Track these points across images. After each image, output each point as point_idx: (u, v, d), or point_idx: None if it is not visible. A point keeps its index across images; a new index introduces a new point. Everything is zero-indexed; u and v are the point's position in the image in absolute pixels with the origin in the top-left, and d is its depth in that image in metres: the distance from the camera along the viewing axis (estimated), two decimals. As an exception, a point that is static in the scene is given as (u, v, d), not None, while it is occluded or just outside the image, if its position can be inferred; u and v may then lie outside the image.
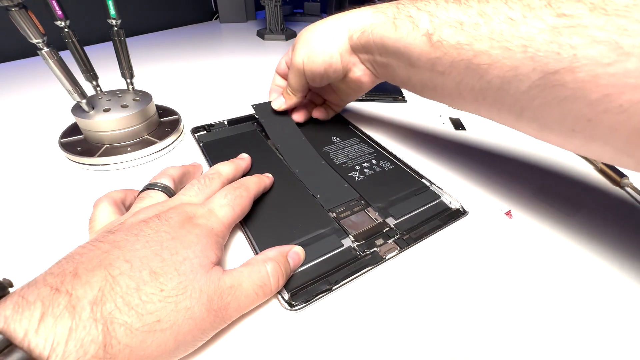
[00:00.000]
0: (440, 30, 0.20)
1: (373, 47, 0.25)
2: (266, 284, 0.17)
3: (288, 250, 0.19)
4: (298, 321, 0.17)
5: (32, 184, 0.26)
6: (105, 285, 0.12)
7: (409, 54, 0.22)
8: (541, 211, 0.24)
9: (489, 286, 0.19)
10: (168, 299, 0.13)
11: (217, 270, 0.16)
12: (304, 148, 0.30)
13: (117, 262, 0.13)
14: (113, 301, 0.12)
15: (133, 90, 0.32)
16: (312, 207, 0.23)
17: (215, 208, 0.19)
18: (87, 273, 0.13)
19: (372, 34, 0.24)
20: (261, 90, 0.44)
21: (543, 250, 0.21)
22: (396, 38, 0.23)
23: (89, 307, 0.12)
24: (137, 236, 0.15)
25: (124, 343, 0.12)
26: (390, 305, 0.18)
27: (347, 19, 0.26)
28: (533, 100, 0.18)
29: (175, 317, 0.13)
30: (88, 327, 0.11)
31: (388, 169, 0.28)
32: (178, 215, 0.17)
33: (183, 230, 0.16)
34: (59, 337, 0.11)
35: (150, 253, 0.14)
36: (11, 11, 0.21)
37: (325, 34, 0.27)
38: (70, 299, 0.12)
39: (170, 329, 0.13)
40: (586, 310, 0.18)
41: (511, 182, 0.27)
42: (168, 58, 0.56)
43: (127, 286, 0.13)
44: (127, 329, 0.12)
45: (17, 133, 0.33)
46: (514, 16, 0.17)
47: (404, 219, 0.23)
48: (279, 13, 0.67)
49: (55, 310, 0.11)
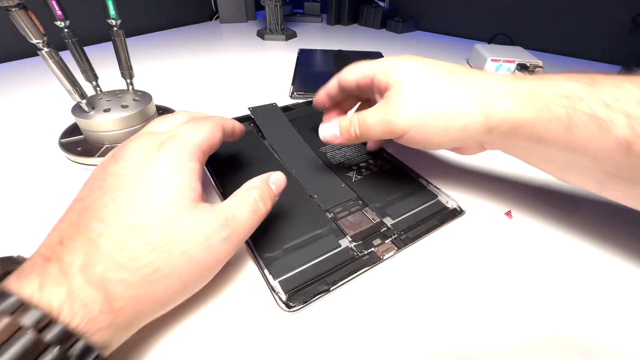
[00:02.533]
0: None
1: (522, 142, 0.19)
2: (257, 208, 0.17)
3: (268, 177, 0.19)
4: (295, 322, 0.17)
5: (32, 184, 0.26)
6: (89, 250, 0.12)
7: (584, 155, 0.17)
8: (541, 211, 0.24)
9: (486, 285, 0.19)
10: (158, 250, 0.13)
11: (204, 208, 0.15)
12: (301, 148, 0.30)
13: (92, 224, 0.13)
14: (102, 263, 0.12)
15: (133, 91, 0.32)
16: (309, 208, 0.23)
17: (177, 131, 0.17)
18: (70, 240, 0.13)
19: (526, 131, 0.18)
20: (261, 90, 0.44)
21: (542, 250, 0.21)
22: (568, 140, 0.17)
23: (80, 272, 0.12)
24: (101, 188, 0.14)
25: (127, 296, 0.12)
26: (388, 306, 0.18)
27: (484, 96, 0.19)
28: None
29: (173, 263, 0.13)
30: (86, 290, 0.12)
31: (385, 169, 0.28)
32: (135, 151, 0.15)
33: (146, 169, 0.15)
34: (61, 301, 0.11)
35: (121, 206, 0.14)
36: (11, 11, 0.22)
37: (452, 99, 0.19)
38: (60, 267, 0.12)
39: (171, 274, 0.13)
40: (586, 310, 0.18)
41: (511, 182, 0.27)
42: (168, 58, 0.56)
43: (111, 246, 0.13)
44: (125, 284, 0.12)
45: (18, 133, 0.33)
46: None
47: (401, 219, 0.23)
48: (279, 13, 0.67)
49: (51, 278, 0.12)
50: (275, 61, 0.56)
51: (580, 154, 0.17)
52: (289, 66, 0.52)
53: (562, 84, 0.17)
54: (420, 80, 0.20)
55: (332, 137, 0.24)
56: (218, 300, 0.18)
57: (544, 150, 0.18)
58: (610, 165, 0.16)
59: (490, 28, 0.68)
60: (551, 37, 0.62)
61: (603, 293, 0.19)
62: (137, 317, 0.13)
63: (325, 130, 0.24)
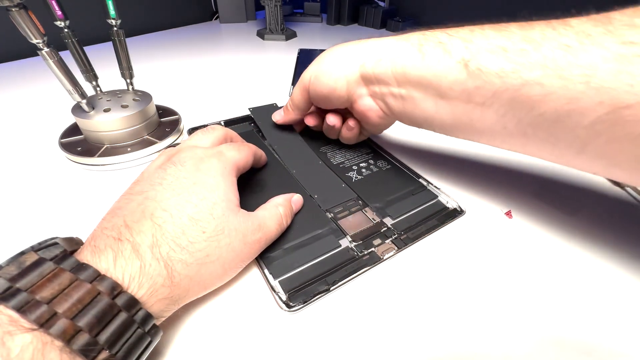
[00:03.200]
0: (479, 56, 0.18)
1: (390, 77, 0.22)
2: (281, 222, 0.21)
3: (291, 197, 0.23)
4: (296, 322, 0.17)
5: (33, 184, 0.26)
6: (156, 233, 0.15)
7: (438, 83, 0.20)
8: (541, 211, 0.24)
9: (486, 285, 0.19)
10: (211, 239, 0.16)
11: (243, 213, 0.18)
12: (301, 148, 0.30)
13: (157, 213, 0.16)
14: (167, 244, 0.15)
15: (133, 91, 0.32)
16: (309, 208, 0.23)
17: (222, 150, 0.20)
18: (136, 224, 0.15)
19: (390, 62, 0.22)
20: (261, 90, 0.44)
21: (542, 250, 0.21)
22: (422, 66, 0.20)
23: (149, 250, 0.15)
24: (162, 185, 0.17)
25: (183, 274, 0.15)
26: (388, 305, 0.18)
27: (365, 46, 0.24)
28: (599, 136, 0.16)
29: (220, 252, 0.16)
30: (154, 265, 0.14)
31: (385, 169, 0.28)
32: (191, 158, 0.18)
33: (200, 174, 0.18)
34: (133, 273, 0.14)
35: (182, 200, 0.16)
36: (11, 11, 0.22)
37: (339, 58, 0.25)
38: (133, 245, 0.14)
39: (217, 260, 0.16)
40: (586, 310, 0.18)
41: (511, 182, 0.27)
42: (168, 58, 0.56)
43: (175, 232, 0.15)
44: (184, 263, 0.15)
45: (18, 133, 0.33)
46: (569, 43, 0.16)
47: (402, 219, 0.23)
48: (279, 13, 0.67)
49: (125, 254, 0.14)
50: (275, 61, 0.56)
51: (433, 78, 0.20)
52: (289, 66, 0.52)
53: (429, 30, 0.22)
54: (325, 51, 0.26)
55: (279, 117, 0.30)
56: (219, 300, 0.18)
57: (415, 93, 0.22)
58: (459, 88, 0.19)
59: (490, 28, 0.68)
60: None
61: (603, 293, 0.19)
62: (185, 295, 0.16)
63: (275, 115, 0.31)
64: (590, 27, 0.16)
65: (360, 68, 0.24)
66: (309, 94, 0.27)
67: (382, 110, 0.25)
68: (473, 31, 0.19)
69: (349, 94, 0.25)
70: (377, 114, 0.25)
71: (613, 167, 0.17)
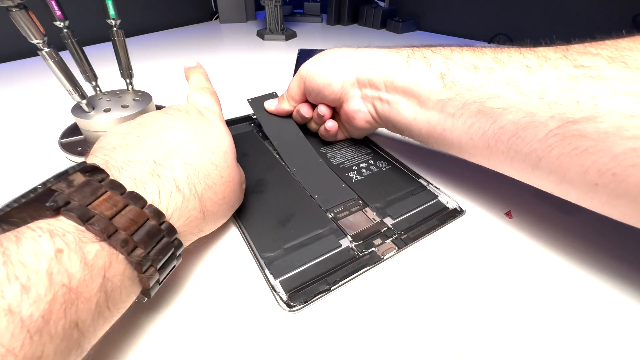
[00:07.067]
0: (454, 71, 0.21)
1: (381, 83, 0.25)
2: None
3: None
4: (296, 322, 0.17)
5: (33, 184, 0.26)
6: (189, 172, 0.17)
7: (418, 91, 0.22)
8: (541, 211, 0.24)
9: (486, 286, 0.19)
10: (226, 184, 0.19)
11: (238, 165, 0.21)
12: (302, 146, 0.30)
13: (183, 153, 0.17)
14: (200, 183, 0.17)
15: (133, 91, 0.32)
16: (309, 208, 0.23)
17: (208, 105, 0.23)
18: (166, 160, 0.17)
19: (382, 70, 0.24)
20: (261, 90, 0.44)
21: (542, 250, 0.21)
22: (407, 75, 0.23)
23: (187, 187, 0.16)
24: (177, 129, 0.18)
25: (211, 210, 0.18)
26: (388, 305, 0.18)
27: (362, 53, 0.26)
28: (551, 150, 0.17)
29: (231, 194, 0.20)
30: (192, 201, 0.17)
31: (385, 169, 0.28)
32: (193, 108, 0.21)
33: (207, 124, 0.20)
34: (175, 205, 0.16)
35: (201, 146, 0.18)
36: (12, 11, 0.22)
37: (338, 58, 0.27)
38: (174, 182, 0.16)
39: (230, 200, 0.20)
40: (586, 311, 0.18)
41: (510, 182, 0.27)
42: (168, 58, 0.56)
43: (203, 172, 0.17)
44: (211, 200, 0.18)
45: (18, 133, 0.33)
46: (530, 64, 0.18)
47: (402, 219, 0.23)
48: (279, 13, 0.67)
49: (168, 189, 0.16)
50: (275, 61, 0.56)
51: (415, 87, 0.23)
52: (289, 66, 0.52)
53: (416, 46, 0.24)
54: (326, 51, 0.28)
55: (272, 105, 0.31)
56: (219, 300, 0.18)
57: (399, 99, 0.24)
58: (435, 98, 0.22)
59: (490, 28, 0.68)
60: (551, 36, 0.62)
61: (603, 293, 0.19)
62: (204, 229, 0.19)
63: (269, 103, 0.32)
64: (551, 52, 0.18)
65: (357, 71, 0.26)
66: (305, 85, 0.28)
67: (369, 113, 0.27)
68: (453, 51, 0.22)
69: (342, 92, 0.27)
70: (365, 117, 0.27)
71: (565, 183, 0.17)
